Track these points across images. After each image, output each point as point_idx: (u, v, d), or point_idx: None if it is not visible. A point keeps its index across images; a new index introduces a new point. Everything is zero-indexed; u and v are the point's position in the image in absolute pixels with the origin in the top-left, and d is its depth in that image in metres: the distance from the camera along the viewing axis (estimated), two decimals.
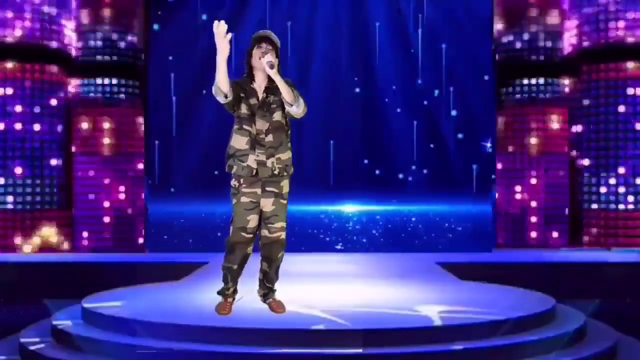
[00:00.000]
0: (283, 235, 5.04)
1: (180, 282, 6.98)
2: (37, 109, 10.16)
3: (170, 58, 10.81)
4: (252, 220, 4.95)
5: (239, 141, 4.94)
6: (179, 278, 7.32)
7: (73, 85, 10.60)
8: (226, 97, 4.82)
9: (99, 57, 10.56)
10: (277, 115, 4.97)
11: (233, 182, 4.97)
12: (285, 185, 5.02)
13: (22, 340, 5.29)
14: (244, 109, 4.93)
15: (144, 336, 4.71)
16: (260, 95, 4.96)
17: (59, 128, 10.36)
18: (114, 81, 10.57)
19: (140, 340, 4.67)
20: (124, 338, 4.76)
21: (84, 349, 4.85)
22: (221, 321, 4.81)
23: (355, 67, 11.11)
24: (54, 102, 10.28)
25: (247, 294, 5.38)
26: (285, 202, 5.02)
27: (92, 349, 4.80)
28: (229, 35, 4.68)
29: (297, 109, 4.90)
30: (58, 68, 10.38)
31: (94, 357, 4.75)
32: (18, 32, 10.08)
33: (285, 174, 4.99)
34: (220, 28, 4.65)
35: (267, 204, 4.96)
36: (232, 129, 5.01)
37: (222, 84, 4.77)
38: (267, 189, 4.95)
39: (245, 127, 4.93)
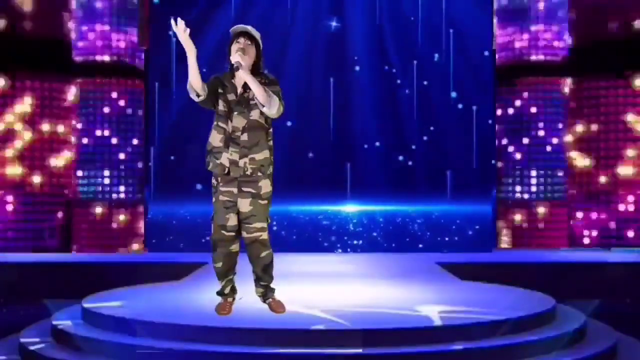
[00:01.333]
0: (263, 235, 4.96)
1: (180, 282, 6.98)
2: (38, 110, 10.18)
3: (170, 33, 10.72)
4: (231, 219, 4.91)
5: (215, 138, 4.91)
6: (179, 278, 7.32)
7: (73, 84, 10.60)
8: (198, 95, 4.78)
9: (98, 57, 10.55)
10: (255, 114, 4.89)
11: (213, 180, 4.97)
12: (264, 185, 4.92)
13: (22, 340, 5.29)
14: (221, 106, 4.89)
15: (144, 336, 4.71)
16: (239, 90, 4.92)
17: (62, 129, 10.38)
18: (114, 80, 10.56)
19: (140, 340, 4.67)
20: (124, 338, 4.76)
21: (84, 349, 4.85)
22: (221, 321, 4.81)
23: (355, 45, 11.01)
24: (55, 102, 10.29)
25: (247, 294, 5.38)
26: (264, 202, 4.93)
27: (92, 349, 4.80)
28: (188, 30, 4.61)
29: (270, 110, 4.82)
30: (57, 68, 10.37)
31: (94, 357, 4.74)
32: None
33: (260, 174, 4.90)
34: (179, 27, 4.61)
35: (244, 205, 4.90)
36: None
37: (194, 83, 4.73)
38: (244, 189, 4.89)
39: (220, 124, 4.89)
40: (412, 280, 6.95)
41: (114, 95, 10.54)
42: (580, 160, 10.41)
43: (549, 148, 10.56)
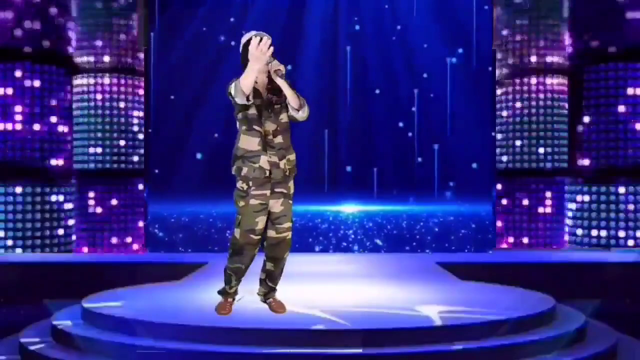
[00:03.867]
0: (290, 235, 5.05)
1: (180, 282, 6.98)
2: (37, 109, 10.16)
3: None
4: (261, 222, 4.95)
5: (249, 142, 4.91)
6: (179, 278, 7.32)
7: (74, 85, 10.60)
8: (248, 99, 4.79)
9: (99, 57, 10.55)
10: (284, 117, 4.98)
11: (241, 185, 4.93)
12: (292, 185, 5.04)
13: (22, 340, 5.29)
14: (252, 110, 4.91)
15: (144, 336, 4.71)
16: (265, 95, 4.95)
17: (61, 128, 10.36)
18: (114, 80, 10.56)
19: (140, 340, 4.68)
20: (124, 338, 4.77)
21: (84, 349, 4.86)
22: (221, 321, 4.81)
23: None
24: (55, 102, 10.28)
25: (247, 294, 5.38)
26: (291, 202, 5.04)
27: (92, 349, 4.81)
28: (270, 50, 4.65)
29: (303, 114, 4.94)
30: (57, 68, 10.35)
31: (94, 357, 4.75)
32: (19, 33, 10.09)
33: (292, 175, 5.02)
34: (264, 46, 4.62)
35: (276, 205, 4.97)
36: (238, 130, 4.98)
37: (247, 87, 4.73)
38: (276, 190, 4.95)
39: (255, 127, 4.90)
40: (412, 280, 6.94)
41: (114, 95, 10.54)
42: None
43: None
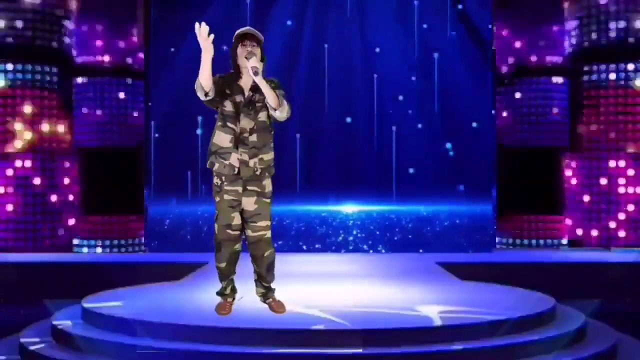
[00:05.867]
0: (268, 234, 5.02)
1: (180, 282, 6.98)
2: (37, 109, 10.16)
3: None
4: (236, 218, 4.95)
5: (222, 139, 4.92)
6: (179, 278, 7.32)
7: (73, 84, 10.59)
8: (206, 95, 4.80)
9: (98, 57, 10.54)
10: (263, 116, 4.96)
11: (215, 181, 4.97)
12: (267, 184, 5.01)
13: (22, 340, 5.30)
14: (228, 107, 4.91)
15: (144, 336, 4.71)
16: (247, 93, 4.94)
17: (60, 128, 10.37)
18: (114, 81, 10.55)
19: (140, 340, 4.68)
20: (124, 338, 4.77)
21: (84, 349, 4.86)
22: (221, 321, 4.81)
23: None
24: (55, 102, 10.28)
25: (247, 294, 5.38)
26: (268, 201, 5.01)
27: (92, 349, 4.81)
28: (212, 36, 4.64)
29: (281, 114, 4.91)
30: (58, 68, 10.35)
31: (94, 357, 4.75)
32: (19, 33, 10.09)
33: (267, 174, 4.98)
34: (202, 31, 4.62)
35: (248, 203, 4.96)
36: (214, 125, 4.98)
37: (204, 82, 4.74)
38: (249, 187, 4.94)
39: (229, 124, 4.90)
40: (412, 280, 6.95)
41: (114, 95, 10.53)
42: None
43: None
